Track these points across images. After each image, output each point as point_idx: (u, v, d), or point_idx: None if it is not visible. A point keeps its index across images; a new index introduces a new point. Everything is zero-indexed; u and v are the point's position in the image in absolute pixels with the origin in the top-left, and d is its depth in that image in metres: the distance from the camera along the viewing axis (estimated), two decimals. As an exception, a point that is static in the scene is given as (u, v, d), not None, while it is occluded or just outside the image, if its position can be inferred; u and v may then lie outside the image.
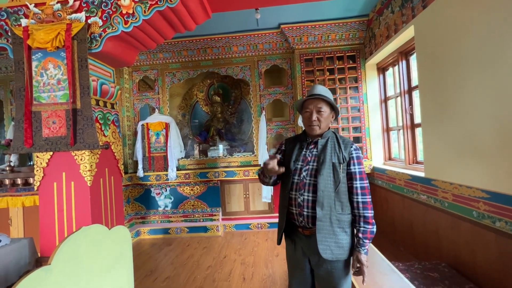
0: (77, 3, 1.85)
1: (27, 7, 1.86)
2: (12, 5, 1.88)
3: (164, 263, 3.01)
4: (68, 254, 1.21)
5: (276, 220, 3.89)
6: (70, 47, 1.78)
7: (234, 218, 4.13)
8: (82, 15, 1.83)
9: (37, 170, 1.87)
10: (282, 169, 1.34)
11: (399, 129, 3.34)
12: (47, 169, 1.86)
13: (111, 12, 1.84)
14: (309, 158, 1.37)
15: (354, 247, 1.29)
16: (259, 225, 4.02)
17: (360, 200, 1.29)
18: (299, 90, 3.87)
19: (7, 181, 3.23)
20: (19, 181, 3.22)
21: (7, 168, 3.48)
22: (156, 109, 4.29)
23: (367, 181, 1.33)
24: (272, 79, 4.50)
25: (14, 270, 1.79)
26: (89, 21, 1.84)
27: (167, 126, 4.11)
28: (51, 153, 1.86)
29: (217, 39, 3.94)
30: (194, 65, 4.27)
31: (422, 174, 2.58)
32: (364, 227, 1.27)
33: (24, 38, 1.80)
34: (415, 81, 2.95)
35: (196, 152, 4.45)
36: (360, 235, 1.27)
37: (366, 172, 3.44)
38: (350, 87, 3.84)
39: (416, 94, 2.94)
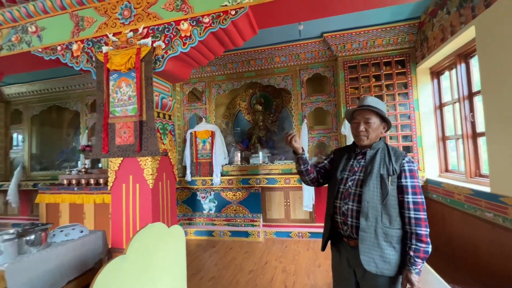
0: (145, 30, 2.16)
1: (107, 37, 2.23)
2: (96, 35, 2.28)
3: (209, 264, 3.19)
4: (138, 246, 1.41)
5: (318, 230, 3.86)
6: (139, 68, 2.08)
7: (274, 225, 4.17)
8: (149, 40, 2.13)
9: (110, 173, 2.19)
10: (296, 144, 1.45)
11: (458, 138, 3.03)
12: (118, 172, 2.18)
13: (172, 36, 2.10)
14: (356, 169, 1.38)
15: (405, 265, 1.23)
16: (300, 234, 3.99)
17: (412, 215, 1.23)
18: (342, 98, 3.80)
19: (83, 181, 3.81)
20: (92, 181, 3.77)
21: (83, 170, 4.10)
22: (203, 118, 4.62)
23: (422, 196, 1.25)
24: (314, 87, 4.49)
25: (91, 257, 2.12)
26: (154, 44, 2.13)
27: (212, 134, 4.39)
28: (122, 158, 2.18)
29: (260, 51, 4.11)
30: (238, 76, 4.51)
31: (487, 189, 2.30)
32: (416, 245, 1.20)
33: (105, 62, 2.16)
34: (476, 86, 2.67)
35: (238, 159, 4.64)
36: (412, 253, 1.20)
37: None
38: (399, 94, 3.64)
39: (478, 100, 2.66)
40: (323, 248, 1.48)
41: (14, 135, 5.90)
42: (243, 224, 4.18)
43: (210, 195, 4.45)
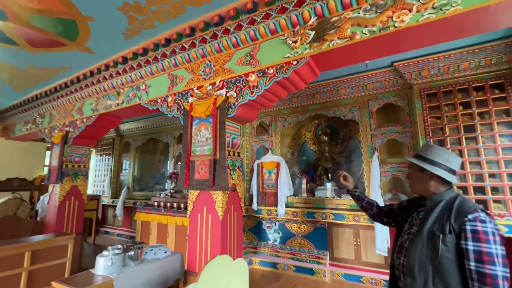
0: (221, 83, 2.57)
1: (193, 90, 2.75)
2: (185, 89, 2.84)
3: (272, 299, 3.18)
4: (208, 276, 1.60)
5: (395, 279, 3.35)
6: (215, 114, 2.46)
7: (343, 266, 3.86)
8: (223, 91, 2.53)
9: (189, 203, 2.57)
10: (346, 182, 1.57)
11: None
12: (196, 203, 2.53)
13: (242, 86, 2.43)
14: (414, 222, 1.28)
15: None
16: (373, 281, 3.55)
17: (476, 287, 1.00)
18: (421, 128, 3.41)
19: (168, 204, 4.48)
20: (174, 205, 4.39)
21: (169, 194, 4.83)
22: (269, 150, 4.86)
23: (493, 267, 0.98)
24: (385, 116, 4.19)
25: (172, 276, 2.46)
26: (227, 94, 2.50)
27: (278, 165, 4.55)
28: (199, 191, 2.53)
29: (324, 85, 4.18)
30: (303, 109, 4.65)
31: None
32: None
33: (190, 111, 2.65)
34: None
35: (303, 189, 4.61)
36: None
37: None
38: (498, 123, 3.04)
39: None
40: None
41: (124, 161, 7.48)
42: (308, 260, 4.03)
43: (275, 225, 4.51)
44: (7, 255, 2.92)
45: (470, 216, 1.06)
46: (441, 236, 1.08)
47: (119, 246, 2.27)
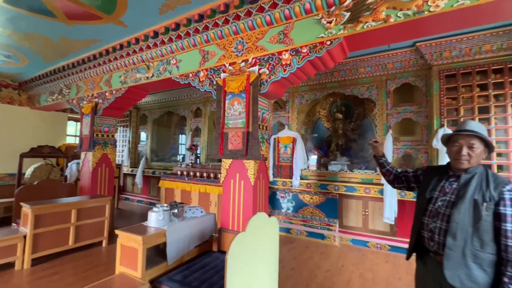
0: (254, 60, 2.72)
1: (225, 66, 2.91)
2: (217, 65, 3.00)
3: (289, 257, 3.60)
4: (252, 227, 1.92)
5: (399, 244, 3.79)
6: (248, 91, 2.66)
7: (351, 232, 4.26)
8: (256, 68, 2.69)
9: (223, 171, 2.86)
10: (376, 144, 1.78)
11: None
12: (229, 170, 2.83)
13: (274, 64, 2.59)
14: (447, 190, 1.45)
15: None
16: (379, 245, 3.95)
17: (510, 244, 1.25)
18: (436, 109, 3.57)
19: (191, 173, 4.82)
20: (197, 174, 4.73)
21: (190, 164, 5.16)
22: (286, 126, 5.08)
23: None
24: (401, 97, 4.32)
25: (207, 231, 2.83)
26: (260, 71, 2.67)
27: (294, 140, 4.80)
28: (231, 160, 2.81)
29: (344, 63, 4.27)
30: (321, 87, 4.78)
31: None
32: (510, 273, 1.23)
33: (223, 86, 2.84)
34: None
35: (316, 164, 4.90)
36: (506, 279, 1.23)
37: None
38: (512, 105, 3.19)
39: None
40: (408, 258, 1.64)
41: (142, 133, 7.78)
42: (319, 227, 4.42)
43: (289, 195, 4.87)
44: (58, 211, 3.32)
45: (508, 187, 1.29)
46: (484, 204, 1.29)
47: (165, 205, 2.60)
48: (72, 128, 8.69)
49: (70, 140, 8.46)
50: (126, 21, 3.18)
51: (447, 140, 1.53)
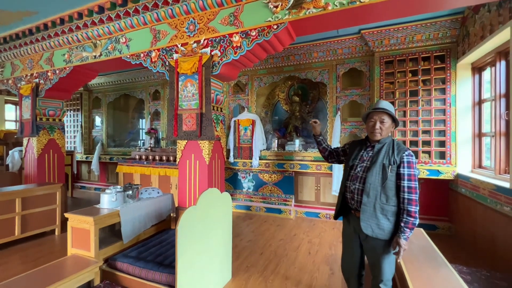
0: (205, 41, 2.74)
1: (177, 46, 2.88)
2: (169, 45, 2.95)
3: (247, 231, 3.87)
4: (203, 202, 2.06)
5: (344, 213, 4.20)
6: (201, 72, 2.69)
7: (305, 206, 4.67)
8: (208, 49, 2.72)
9: (178, 152, 2.92)
10: (315, 125, 2.01)
11: (493, 136, 3.09)
12: (184, 151, 2.89)
13: (226, 46, 2.65)
14: (364, 158, 1.76)
15: (397, 233, 1.61)
16: (328, 215, 4.42)
17: (406, 197, 1.58)
18: (377, 92, 3.99)
19: (150, 157, 4.75)
20: (156, 157, 4.68)
21: (149, 148, 5.07)
22: (245, 108, 5.20)
23: (415, 183, 1.59)
24: (350, 80, 4.69)
25: (164, 211, 2.91)
26: (212, 53, 2.71)
27: (253, 123, 4.97)
28: (186, 141, 2.87)
29: (299, 47, 4.46)
30: (278, 70, 4.94)
31: (507, 185, 2.46)
32: (406, 219, 1.57)
33: (175, 67, 2.82)
34: (513, 85, 2.70)
35: (275, 145, 5.17)
36: (402, 224, 1.58)
37: (449, 178, 3.59)
38: (435, 89, 3.70)
39: (514, 99, 2.70)
40: (335, 218, 1.95)
41: (96, 117, 7.28)
42: (277, 203, 4.76)
43: (249, 175, 5.10)
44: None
45: (406, 153, 1.62)
46: (390, 167, 1.61)
47: (118, 187, 2.60)
48: (12, 113, 7.79)
49: (10, 126, 7.61)
50: (64, -7, 2.92)
51: (366, 118, 1.81)
